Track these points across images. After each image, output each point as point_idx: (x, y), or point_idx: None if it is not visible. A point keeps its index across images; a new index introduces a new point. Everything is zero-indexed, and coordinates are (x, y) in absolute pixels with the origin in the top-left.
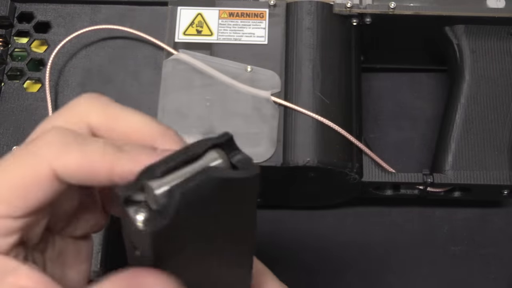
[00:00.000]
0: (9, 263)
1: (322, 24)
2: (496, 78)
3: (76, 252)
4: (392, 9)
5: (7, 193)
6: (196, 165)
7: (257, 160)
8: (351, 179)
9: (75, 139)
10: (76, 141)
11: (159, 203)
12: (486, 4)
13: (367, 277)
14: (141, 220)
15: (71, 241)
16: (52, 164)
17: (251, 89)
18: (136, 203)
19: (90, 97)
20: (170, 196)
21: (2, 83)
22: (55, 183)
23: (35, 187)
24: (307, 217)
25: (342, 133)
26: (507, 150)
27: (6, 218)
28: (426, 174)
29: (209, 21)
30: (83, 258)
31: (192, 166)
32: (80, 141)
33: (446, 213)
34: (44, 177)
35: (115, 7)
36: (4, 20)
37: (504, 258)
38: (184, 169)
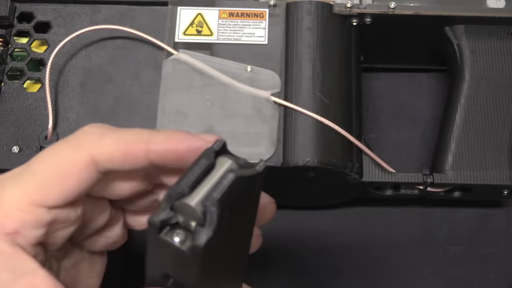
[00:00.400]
0: (30, 263)
1: (322, 24)
2: (496, 78)
3: (91, 266)
4: (392, 9)
5: (44, 180)
6: (216, 172)
7: (257, 160)
8: (351, 179)
9: (110, 128)
10: (111, 129)
11: (199, 216)
12: (486, 4)
13: (367, 277)
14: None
15: (88, 255)
16: (90, 151)
17: (251, 89)
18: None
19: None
20: (209, 204)
21: (2, 83)
22: (93, 169)
23: (73, 174)
24: (307, 217)
25: (342, 133)
26: (507, 150)
27: (40, 207)
28: (426, 174)
29: (209, 21)
30: (96, 273)
31: (212, 174)
32: (115, 129)
33: (446, 213)
34: (82, 164)
35: (115, 7)
36: (4, 20)
37: (504, 258)
38: (206, 179)
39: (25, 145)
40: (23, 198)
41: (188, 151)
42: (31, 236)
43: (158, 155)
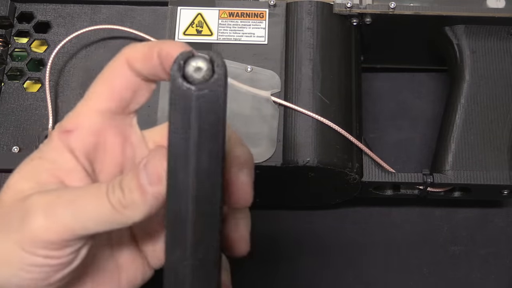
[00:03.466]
0: (71, 162)
1: (322, 24)
2: (496, 78)
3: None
4: (392, 9)
5: (96, 87)
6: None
7: (257, 160)
8: (351, 179)
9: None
10: (140, 43)
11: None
12: (486, 4)
13: (366, 277)
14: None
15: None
16: (125, 56)
17: (251, 89)
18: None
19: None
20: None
21: (2, 83)
22: (129, 70)
23: (114, 75)
24: (307, 217)
25: (342, 133)
26: (507, 150)
27: (94, 112)
28: (426, 174)
29: (209, 21)
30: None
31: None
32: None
33: (446, 213)
34: (119, 64)
35: (115, 7)
36: (4, 20)
37: (504, 258)
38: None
39: (25, 145)
40: (83, 106)
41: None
42: (82, 139)
43: (164, 59)
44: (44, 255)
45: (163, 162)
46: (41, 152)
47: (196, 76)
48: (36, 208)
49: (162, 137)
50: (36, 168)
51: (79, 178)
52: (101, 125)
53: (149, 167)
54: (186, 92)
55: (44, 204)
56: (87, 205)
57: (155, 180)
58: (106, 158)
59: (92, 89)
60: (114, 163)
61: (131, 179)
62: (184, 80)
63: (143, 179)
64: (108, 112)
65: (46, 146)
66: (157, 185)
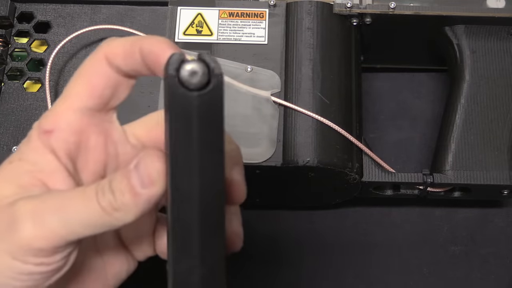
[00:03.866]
0: (53, 163)
1: (322, 24)
2: (496, 78)
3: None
4: (392, 9)
5: (73, 85)
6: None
7: (257, 160)
8: (351, 179)
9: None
10: (120, 38)
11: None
12: (486, 4)
13: (367, 277)
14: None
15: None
16: (104, 52)
17: (251, 89)
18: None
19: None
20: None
21: (2, 83)
22: (108, 67)
23: (92, 72)
24: (307, 217)
25: (342, 133)
26: (507, 150)
27: (73, 110)
28: (426, 174)
29: (209, 21)
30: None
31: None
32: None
33: (446, 213)
34: (97, 61)
35: (115, 7)
36: (4, 20)
37: (504, 258)
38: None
39: None
40: (61, 104)
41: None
42: (63, 139)
43: (145, 55)
44: (35, 263)
45: (155, 164)
46: (21, 153)
47: (193, 80)
48: (23, 216)
49: (144, 131)
50: (16, 171)
51: (62, 179)
52: (82, 123)
53: (140, 169)
54: (187, 99)
55: (31, 211)
56: (76, 210)
57: (148, 182)
58: (88, 157)
59: (70, 87)
60: (97, 161)
61: (121, 180)
62: (182, 87)
63: (134, 181)
64: (88, 110)
65: (25, 147)
66: (150, 187)
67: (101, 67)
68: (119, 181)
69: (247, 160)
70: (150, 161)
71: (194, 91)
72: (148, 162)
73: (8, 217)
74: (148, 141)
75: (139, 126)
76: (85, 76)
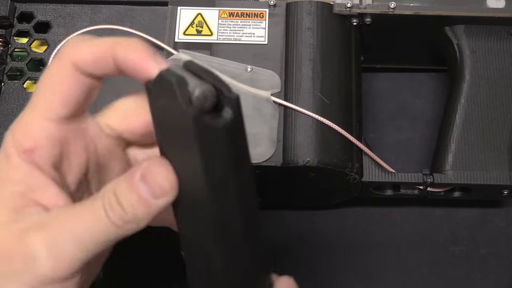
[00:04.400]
0: (43, 179)
1: (322, 24)
2: (496, 78)
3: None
4: (392, 9)
5: (45, 96)
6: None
7: (257, 160)
8: (351, 179)
9: (88, 37)
10: (89, 38)
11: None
12: (486, 4)
13: (367, 277)
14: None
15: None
16: (69, 58)
17: (251, 89)
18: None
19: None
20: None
21: (2, 83)
22: (76, 72)
23: (62, 81)
24: (307, 217)
25: (342, 133)
26: (507, 150)
27: (50, 122)
28: (426, 174)
29: (209, 21)
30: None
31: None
32: (93, 38)
33: (446, 213)
34: (65, 70)
35: (115, 7)
36: (4, 20)
37: (504, 258)
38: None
39: None
40: (34, 117)
41: (144, 67)
42: (46, 154)
43: (121, 62)
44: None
45: (164, 174)
46: (1, 173)
47: (207, 104)
48: (38, 249)
49: (117, 120)
50: (3, 194)
51: (55, 194)
52: (60, 133)
53: (150, 181)
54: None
55: (44, 241)
56: (88, 229)
57: (159, 193)
58: (71, 161)
59: (40, 97)
60: (79, 162)
61: (130, 194)
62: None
63: (145, 194)
64: (63, 119)
65: (5, 166)
66: (162, 197)
67: (70, 74)
68: (126, 193)
69: None
70: (158, 172)
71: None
72: (157, 173)
73: (22, 251)
74: (122, 129)
75: (110, 116)
76: (54, 85)
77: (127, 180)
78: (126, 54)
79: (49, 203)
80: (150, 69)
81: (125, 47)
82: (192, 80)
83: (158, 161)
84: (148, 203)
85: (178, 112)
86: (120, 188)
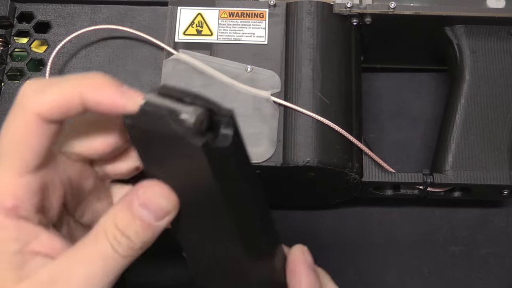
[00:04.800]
0: (34, 230)
1: (322, 24)
2: (496, 78)
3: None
4: (392, 9)
5: (15, 151)
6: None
7: (257, 160)
8: (351, 179)
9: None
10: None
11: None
12: (486, 4)
13: (367, 277)
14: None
15: (81, 229)
16: (32, 109)
17: (251, 89)
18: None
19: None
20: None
21: (2, 83)
22: (43, 124)
23: (29, 135)
24: (307, 217)
25: (342, 133)
26: (507, 150)
27: (26, 175)
28: (426, 174)
29: (209, 21)
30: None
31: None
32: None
33: (446, 213)
34: (31, 123)
35: (115, 7)
36: (4, 20)
37: (504, 258)
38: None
39: None
40: (9, 175)
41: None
42: (30, 205)
43: (91, 105)
44: None
45: (162, 196)
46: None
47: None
48: None
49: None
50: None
51: (48, 238)
52: (37, 181)
53: (151, 205)
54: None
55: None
56: (100, 271)
57: (162, 215)
58: (51, 199)
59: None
60: (59, 195)
61: (132, 221)
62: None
63: (147, 217)
64: (37, 168)
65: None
66: (166, 217)
67: (36, 127)
68: (129, 223)
69: None
70: (157, 195)
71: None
72: (156, 196)
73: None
74: (87, 154)
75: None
76: (22, 140)
77: (126, 210)
78: (94, 96)
79: (47, 249)
80: (122, 105)
81: (92, 88)
82: (180, 108)
83: (153, 184)
84: (153, 226)
85: (175, 141)
86: (121, 220)
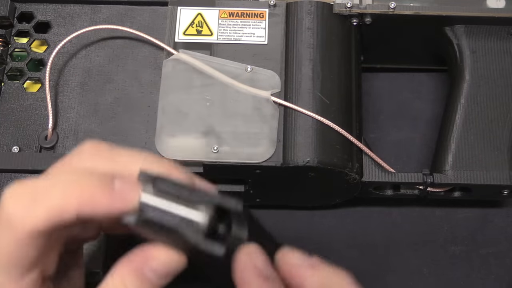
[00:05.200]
0: None
1: (322, 24)
2: (496, 78)
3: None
4: (392, 9)
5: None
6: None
7: (257, 160)
8: (351, 179)
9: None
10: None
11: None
12: (486, 4)
13: (367, 277)
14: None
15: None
16: (25, 228)
17: (251, 89)
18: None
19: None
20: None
21: (2, 83)
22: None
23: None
24: (307, 217)
25: (342, 133)
26: (507, 150)
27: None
28: (426, 174)
29: (209, 21)
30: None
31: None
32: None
33: (446, 213)
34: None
35: (115, 7)
36: (4, 20)
37: (504, 258)
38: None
39: (25, 145)
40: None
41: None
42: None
43: (86, 217)
44: None
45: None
46: None
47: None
48: None
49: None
50: None
51: None
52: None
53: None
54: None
55: None
56: None
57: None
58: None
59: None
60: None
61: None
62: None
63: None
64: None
65: None
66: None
67: (29, 247)
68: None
69: (247, 160)
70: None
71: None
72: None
73: None
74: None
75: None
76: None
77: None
78: (89, 209)
79: None
80: (118, 210)
81: (85, 200)
82: (187, 211)
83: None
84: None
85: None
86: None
